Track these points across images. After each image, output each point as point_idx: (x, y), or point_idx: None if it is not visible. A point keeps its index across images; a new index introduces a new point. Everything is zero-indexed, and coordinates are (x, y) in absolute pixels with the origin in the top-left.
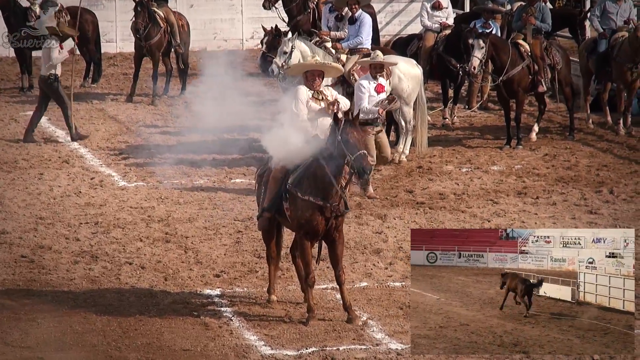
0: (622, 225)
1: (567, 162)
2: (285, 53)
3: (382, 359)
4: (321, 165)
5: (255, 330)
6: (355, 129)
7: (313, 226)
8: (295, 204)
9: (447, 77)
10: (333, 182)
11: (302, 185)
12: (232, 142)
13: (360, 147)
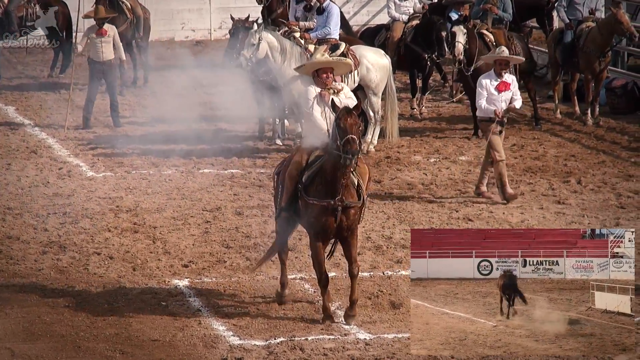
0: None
1: (535, 153)
2: (253, 45)
3: (351, 348)
4: (327, 159)
5: (223, 321)
6: (350, 116)
7: (322, 226)
8: (305, 205)
9: (415, 68)
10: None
11: (312, 184)
12: (200, 133)
13: (349, 132)
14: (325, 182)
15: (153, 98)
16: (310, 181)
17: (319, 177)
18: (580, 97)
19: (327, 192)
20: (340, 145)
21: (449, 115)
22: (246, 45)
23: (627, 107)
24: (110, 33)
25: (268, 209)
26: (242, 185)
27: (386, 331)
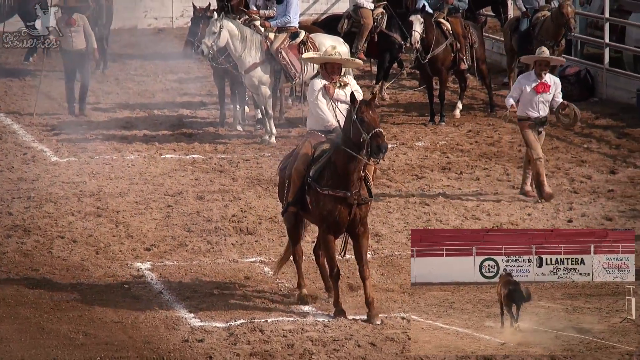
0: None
1: (490, 139)
2: (214, 33)
3: (310, 330)
4: (340, 152)
5: (185, 303)
6: (371, 109)
7: (335, 219)
8: (316, 197)
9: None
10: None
11: (322, 178)
12: (163, 119)
13: (375, 125)
14: (336, 175)
15: (116, 85)
16: (318, 174)
17: (329, 171)
18: None
19: (338, 186)
20: (368, 139)
21: (406, 102)
22: (207, 33)
23: (580, 95)
24: (80, 22)
25: (229, 193)
26: (203, 170)
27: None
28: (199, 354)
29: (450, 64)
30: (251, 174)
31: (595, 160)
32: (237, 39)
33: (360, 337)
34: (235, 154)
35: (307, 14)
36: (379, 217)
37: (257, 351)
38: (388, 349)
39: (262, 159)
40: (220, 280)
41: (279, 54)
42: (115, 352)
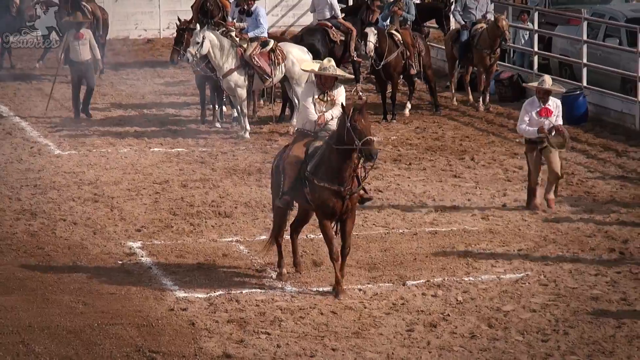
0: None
1: (435, 134)
2: (198, 43)
3: (279, 300)
4: (333, 152)
5: (170, 277)
6: (363, 117)
7: (330, 208)
8: (314, 189)
9: None
10: (344, 167)
11: (318, 172)
12: (151, 117)
13: (367, 133)
14: (330, 171)
15: (110, 88)
16: (315, 169)
17: (324, 167)
18: (473, 87)
19: (333, 179)
20: (360, 145)
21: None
22: (192, 43)
23: (513, 96)
24: (87, 36)
25: (209, 182)
26: (186, 161)
27: (309, 285)
28: (183, 320)
29: (401, 70)
30: (228, 165)
31: None
32: (217, 47)
33: (323, 306)
34: (214, 148)
35: (276, 26)
36: None
37: (233, 318)
38: (347, 317)
39: (237, 152)
40: (201, 257)
41: (252, 59)
42: (111, 320)
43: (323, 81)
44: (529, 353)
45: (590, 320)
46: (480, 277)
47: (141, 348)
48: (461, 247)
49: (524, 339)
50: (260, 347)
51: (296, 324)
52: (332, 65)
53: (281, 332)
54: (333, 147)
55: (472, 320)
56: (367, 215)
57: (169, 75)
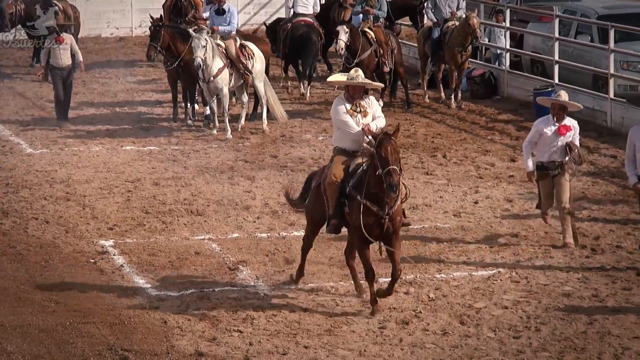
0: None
1: (407, 131)
2: (204, 47)
3: (251, 298)
4: (372, 174)
5: (143, 275)
6: (391, 144)
7: (369, 228)
8: (354, 207)
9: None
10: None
11: (361, 189)
12: (123, 115)
13: (390, 163)
14: (372, 190)
15: (82, 86)
16: (358, 186)
17: (367, 185)
18: (445, 85)
19: (374, 201)
20: (383, 174)
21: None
22: (197, 47)
23: (485, 93)
24: (68, 41)
25: (181, 180)
26: (159, 160)
27: (281, 283)
28: (155, 319)
29: (374, 67)
30: (200, 163)
31: (498, 150)
32: (210, 50)
33: (295, 304)
34: (186, 146)
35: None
36: None
37: (206, 316)
38: (319, 314)
39: (209, 150)
40: (173, 255)
41: (239, 57)
42: (83, 318)
43: (352, 92)
44: (500, 350)
45: (561, 316)
46: (452, 274)
47: (113, 346)
48: (433, 244)
49: (496, 335)
50: (232, 345)
51: (268, 322)
52: (359, 75)
53: (253, 330)
54: (371, 168)
55: (444, 317)
56: None
57: (141, 74)
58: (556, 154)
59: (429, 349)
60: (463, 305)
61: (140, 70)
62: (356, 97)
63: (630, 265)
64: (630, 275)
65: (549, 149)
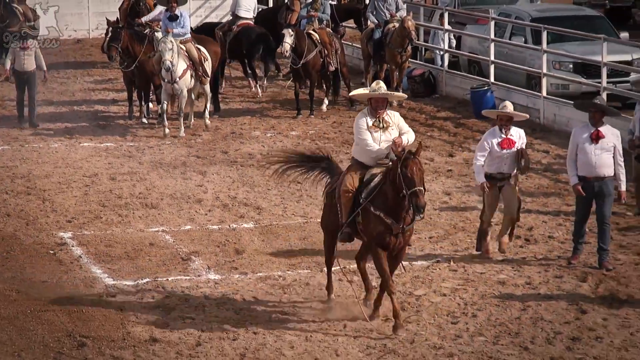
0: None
1: (351, 129)
2: (171, 49)
3: (203, 287)
4: (389, 188)
5: (100, 265)
6: (415, 164)
7: (383, 239)
8: (368, 218)
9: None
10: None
11: (375, 200)
12: (81, 113)
13: (417, 184)
14: (387, 204)
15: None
16: (372, 197)
17: (381, 197)
18: (388, 83)
19: (389, 212)
20: (408, 195)
21: (282, 99)
22: (164, 50)
23: (425, 92)
24: (33, 48)
25: (136, 175)
26: (115, 155)
27: (232, 273)
28: (112, 307)
29: (320, 68)
30: (154, 159)
31: (437, 146)
32: (175, 52)
33: (245, 292)
34: (141, 142)
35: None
36: (260, 193)
37: (160, 304)
38: (268, 302)
39: (163, 146)
40: (129, 246)
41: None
42: (43, 306)
43: (374, 105)
44: (439, 335)
45: (497, 303)
46: None
47: (72, 333)
48: None
49: (435, 321)
50: (185, 331)
51: (219, 310)
52: (381, 87)
53: (205, 317)
54: (389, 183)
55: (385, 304)
56: (287, 205)
57: (97, 74)
58: (505, 165)
59: (372, 333)
60: (404, 293)
61: (97, 70)
62: (379, 110)
63: (562, 254)
64: (561, 263)
65: (498, 160)
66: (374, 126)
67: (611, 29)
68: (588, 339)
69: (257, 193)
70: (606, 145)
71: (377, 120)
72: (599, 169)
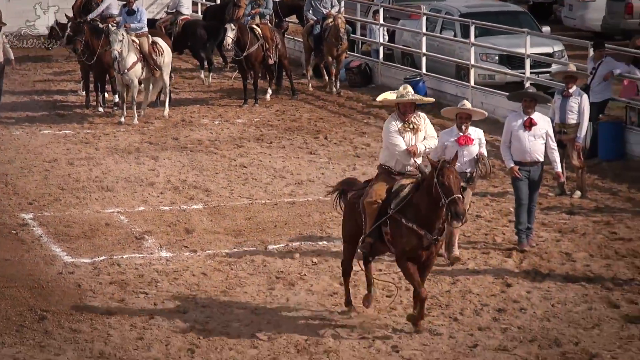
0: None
1: (293, 116)
2: (121, 41)
3: (155, 264)
4: (424, 197)
5: (59, 244)
6: (452, 172)
7: (414, 252)
8: (398, 230)
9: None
10: (435, 216)
11: (406, 212)
12: (41, 103)
13: (455, 192)
14: (420, 215)
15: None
16: (402, 208)
17: (413, 209)
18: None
19: (423, 224)
20: (446, 203)
21: (228, 88)
22: (114, 41)
23: (362, 82)
24: (1, 40)
25: (93, 160)
26: (73, 142)
27: (182, 250)
28: (70, 283)
29: (261, 60)
30: (110, 145)
31: (373, 132)
32: (126, 44)
33: (194, 269)
34: (97, 130)
35: None
36: (208, 177)
37: (115, 280)
38: (216, 277)
39: (118, 133)
40: (86, 226)
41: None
42: (6, 283)
43: (402, 109)
44: (375, 307)
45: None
46: (333, 242)
47: (33, 307)
48: (316, 215)
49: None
50: (139, 305)
51: (171, 285)
52: (409, 92)
53: (157, 292)
54: (424, 193)
55: (325, 279)
56: (234, 188)
57: (56, 66)
58: (465, 164)
59: (312, 306)
60: None
61: (56, 63)
62: (407, 114)
63: (489, 232)
64: (487, 240)
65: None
66: (403, 128)
67: (534, 23)
68: (513, 310)
69: (206, 176)
70: (539, 132)
71: (407, 123)
72: (533, 154)
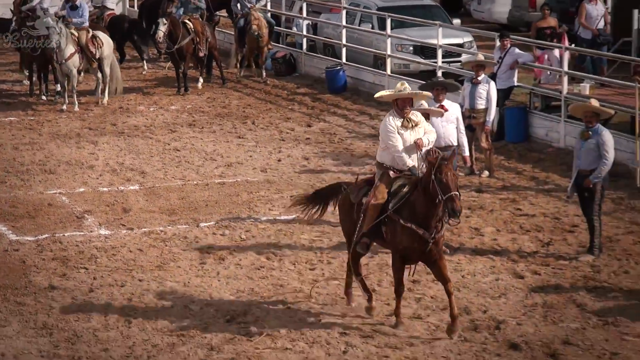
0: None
1: (223, 103)
2: (59, 33)
3: (95, 241)
4: (421, 196)
5: (5, 224)
6: (450, 169)
7: (411, 250)
8: (395, 229)
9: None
10: (432, 214)
11: (404, 211)
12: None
13: (452, 189)
14: (416, 214)
15: None
16: (399, 208)
17: (410, 208)
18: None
19: (420, 222)
20: (444, 200)
21: (162, 77)
22: (52, 33)
23: (287, 71)
24: None
25: (36, 144)
26: (17, 128)
27: (120, 228)
28: (15, 259)
29: (192, 52)
30: (52, 131)
31: (297, 117)
32: (64, 36)
33: (131, 245)
34: (40, 116)
35: None
36: (144, 160)
37: (57, 256)
38: (151, 253)
39: (60, 120)
40: (30, 207)
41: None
42: None
43: (401, 105)
44: (299, 279)
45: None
46: (260, 219)
47: None
48: (244, 195)
49: (295, 267)
50: (79, 279)
51: (109, 260)
52: (406, 87)
53: (97, 267)
54: (420, 191)
55: (253, 254)
56: (168, 170)
57: (2, 59)
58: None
59: (241, 279)
60: (269, 245)
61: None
62: (405, 109)
63: None
64: None
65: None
66: (402, 126)
67: (445, 16)
68: (426, 281)
69: (142, 160)
70: (450, 117)
71: (405, 120)
72: (446, 139)
